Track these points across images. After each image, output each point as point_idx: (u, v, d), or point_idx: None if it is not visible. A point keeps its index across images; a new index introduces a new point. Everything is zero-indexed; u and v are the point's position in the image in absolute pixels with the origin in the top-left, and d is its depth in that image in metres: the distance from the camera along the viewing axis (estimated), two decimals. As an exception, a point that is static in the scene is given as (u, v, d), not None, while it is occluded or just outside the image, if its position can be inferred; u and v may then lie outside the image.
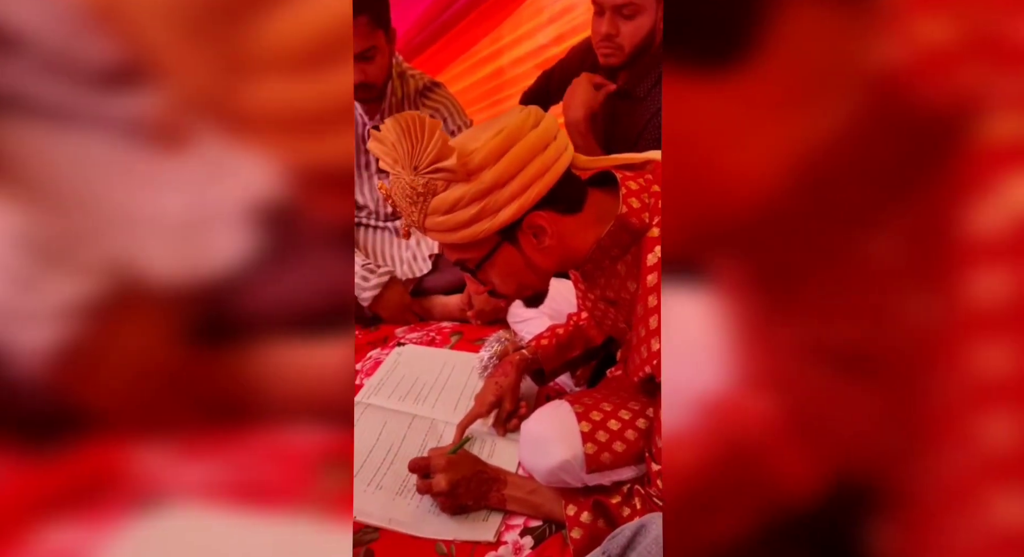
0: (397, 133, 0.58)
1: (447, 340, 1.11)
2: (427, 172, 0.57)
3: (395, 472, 0.80)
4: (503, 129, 0.57)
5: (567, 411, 0.68)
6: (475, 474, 0.72)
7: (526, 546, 0.70)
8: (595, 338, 0.90)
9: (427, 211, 0.60)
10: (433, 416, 0.90)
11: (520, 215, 0.59)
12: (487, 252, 0.62)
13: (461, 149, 0.57)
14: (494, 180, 0.57)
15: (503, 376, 0.85)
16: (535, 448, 0.68)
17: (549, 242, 0.62)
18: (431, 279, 1.21)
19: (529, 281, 0.66)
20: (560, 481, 0.67)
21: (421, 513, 0.74)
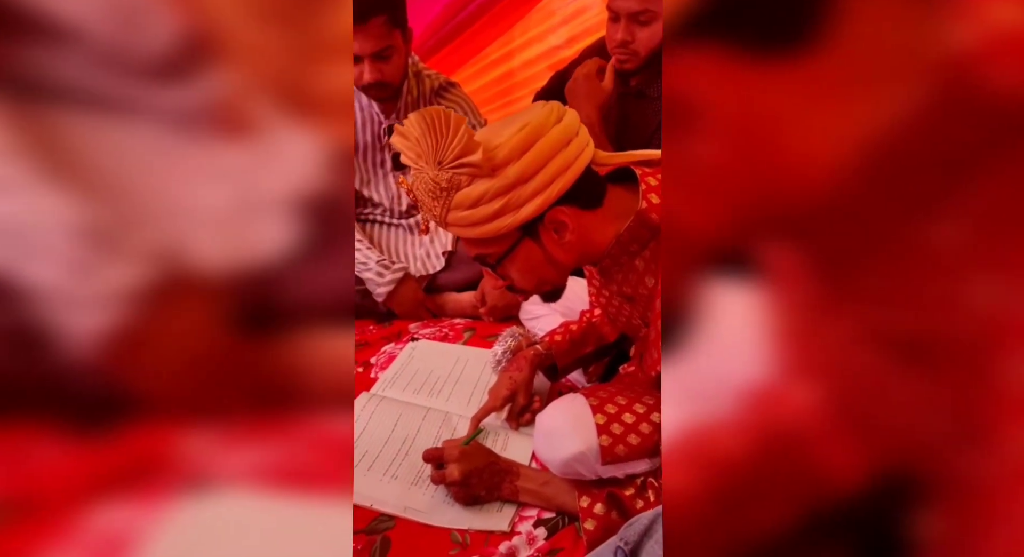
0: (422, 128, 0.59)
1: (460, 336, 1.12)
2: (452, 167, 0.59)
3: (410, 463, 0.81)
4: (527, 124, 0.58)
5: (582, 404, 0.69)
6: (488, 465, 0.74)
7: (539, 537, 0.71)
8: (608, 335, 0.91)
9: (450, 206, 0.61)
10: (447, 409, 0.91)
11: (542, 210, 0.60)
12: (508, 247, 0.64)
13: (485, 144, 0.58)
14: (518, 175, 0.58)
15: (517, 371, 0.86)
16: (550, 439, 0.69)
17: (570, 237, 0.63)
18: (444, 276, 1.23)
19: (549, 276, 0.67)
20: (574, 473, 0.68)
21: (436, 503, 0.75)
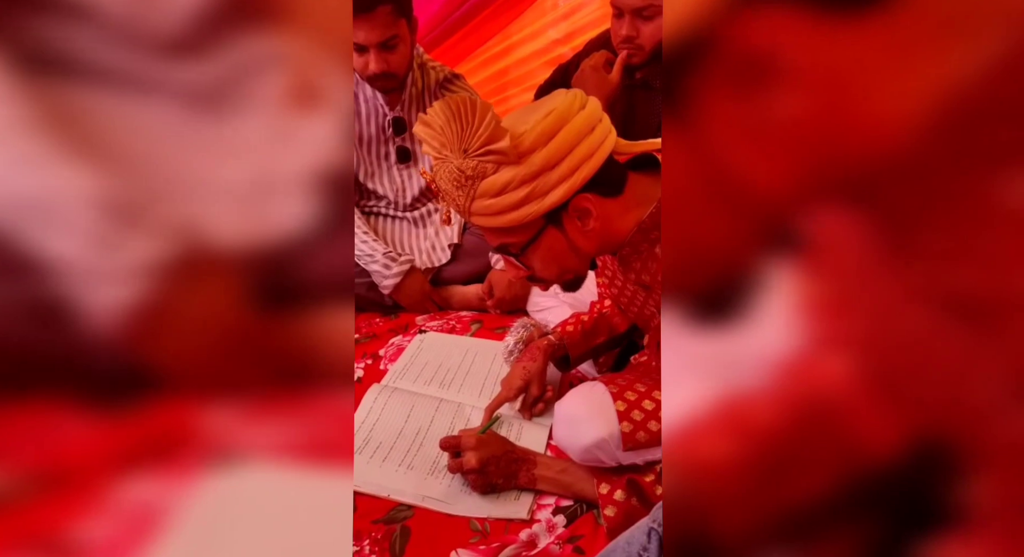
0: (447, 116, 0.59)
1: (467, 328, 1.12)
2: (478, 155, 0.58)
3: (425, 453, 0.81)
4: (552, 111, 0.58)
5: (602, 391, 0.69)
6: (504, 453, 0.74)
7: (559, 524, 0.71)
8: (619, 325, 0.92)
9: (475, 195, 0.61)
10: (459, 400, 0.91)
11: (568, 197, 0.61)
12: (532, 236, 0.64)
13: (511, 131, 0.58)
14: (544, 162, 0.58)
15: (531, 361, 0.86)
16: (571, 426, 0.69)
17: (593, 225, 0.63)
18: (450, 269, 1.22)
19: (571, 265, 0.67)
20: (595, 459, 0.69)
21: (454, 492, 0.75)
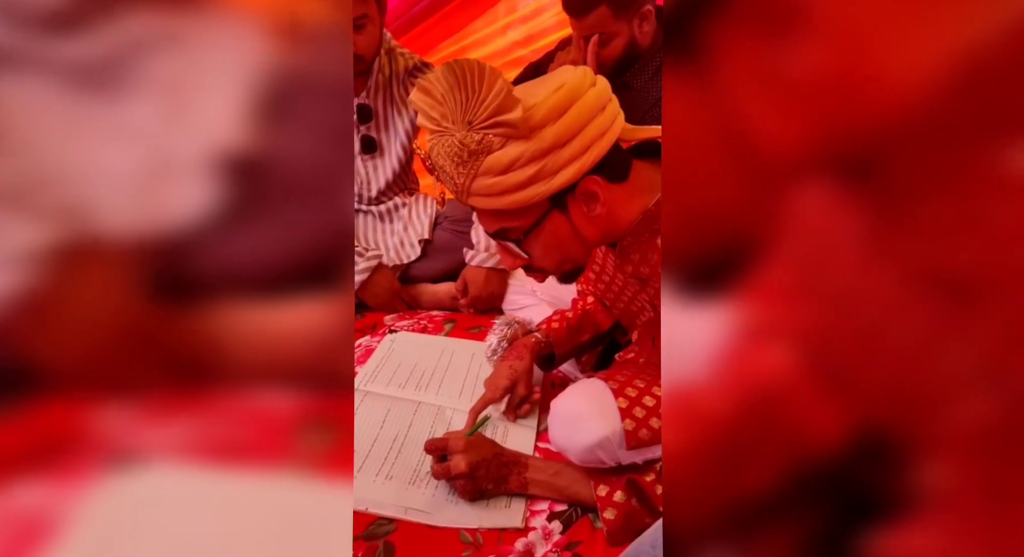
0: (449, 83, 0.53)
1: (440, 328, 1.06)
2: (484, 127, 0.54)
3: (404, 461, 0.75)
4: (563, 85, 0.55)
5: (603, 387, 0.66)
6: (494, 456, 0.69)
7: (555, 531, 0.67)
8: (602, 323, 0.89)
9: (477, 172, 0.56)
10: (439, 402, 0.85)
11: (577, 179, 0.57)
12: (535, 220, 0.60)
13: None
14: (555, 139, 0.54)
15: (517, 359, 0.82)
16: (571, 425, 0.65)
17: (599, 210, 0.60)
18: (419, 266, 1.16)
19: (573, 253, 0.63)
20: (596, 460, 0.65)
21: (439, 501, 0.69)
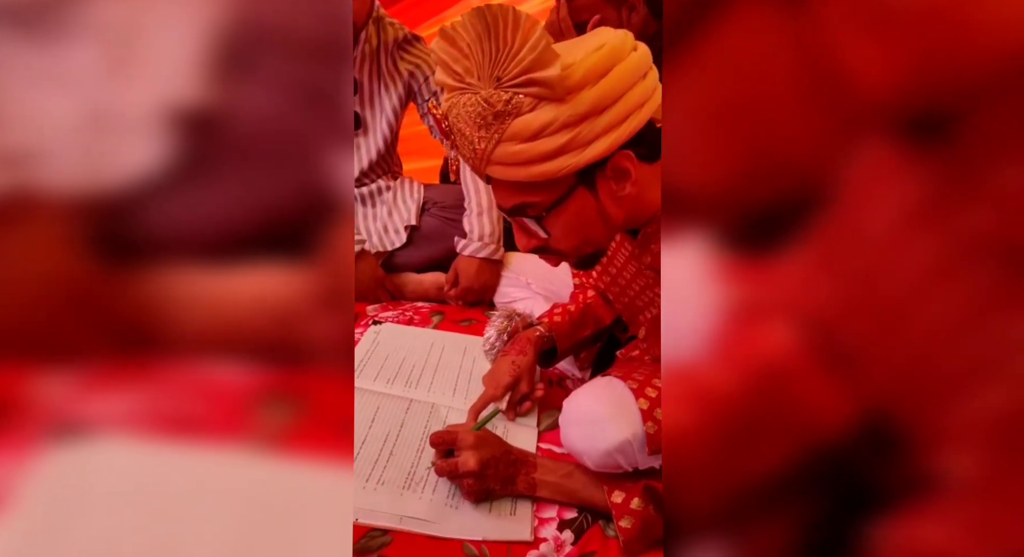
0: (479, 32, 0.46)
1: (427, 321, 0.99)
2: (515, 85, 0.47)
3: (397, 464, 0.68)
4: (604, 45, 0.49)
5: (622, 388, 0.61)
6: (503, 454, 0.63)
7: (567, 542, 0.62)
8: (604, 317, 0.85)
9: (501, 137, 0.49)
10: (432, 400, 0.79)
11: (611, 152, 0.51)
12: (560, 196, 0.54)
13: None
14: (592, 104, 0.48)
15: (520, 354, 0.76)
16: (589, 427, 0.60)
17: (630, 190, 0.55)
18: (404, 254, 1.09)
19: (596, 235, 0.58)
20: (613, 464, 0.60)
21: (437, 508, 0.63)
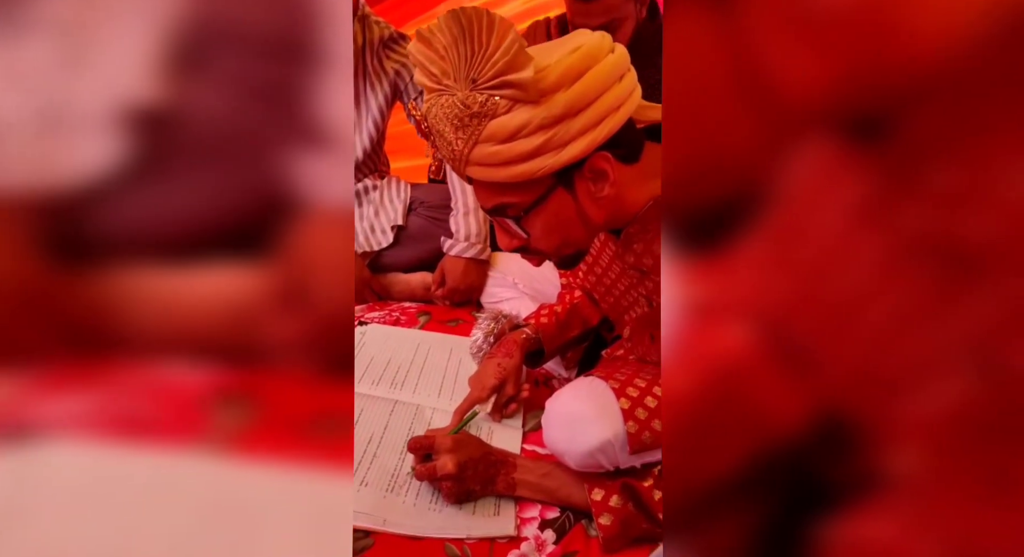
0: (455, 34, 0.47)
1: (414, 321, 0.99)
2: (489, 87, 0.48)
3: (381, 466, 0.68)
4: (580, 47, 0.49)
5: (603, 387, 0.62)
6: (483, 456, 0.64)
7: (548, 541, 0.62)
8: (591, 317, 0.85)
9: (479, 138, 0.50)
10: (417, 402, 0.79)
11: (588, 153, 0.52)
12: (538, 196, 0.54)
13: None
14: (567, 106, 0.49)
15: (506, 357, 0.76)
16: (570, 428, 0.61)
17: (608, 191, 0.55)
18: (391, 254, 1.08)
19: (575, 236, 0.58)
20: (595, 464, 0.61)
21: (420, 510, 0.63)
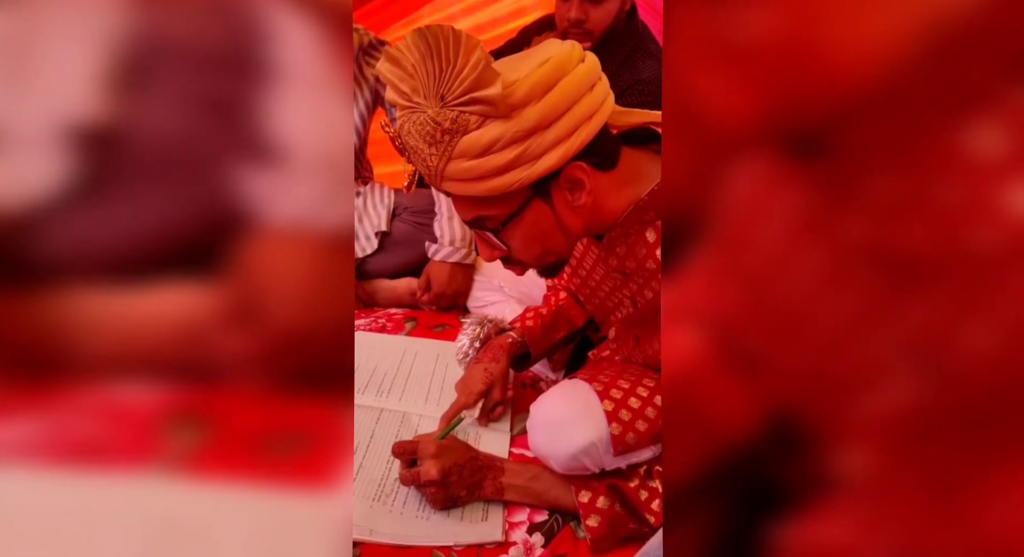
0: (422, 52, 0.47)
1: (400, 327, 0.99)
2: (459, 104, 0.48)
3: (367, 475, 0.68)
4: (549, 59, 0.50)
5: (587, 390, 0.62)
6: (468, 461, 0.64)
7: (537, 545, 0.62)
8: (576, 319, 0.86)
9: (452, 154, 0.50)
10: (403, 409, 0.78)
11: (562, 164, 0.52)
12: (515, 208, 0.54)
13: (502, 79, 0.48)
14: (539, 119, 0.49)
15: (493, 362, 0.76)
16: (554, 431, 0.61)
17: (585, 199, 0.55)
18: (375, 260, 1.08)
19: (555, 245, 0.59)
20: (580, 467, 0.61)
21: (407, 518, 0.63)
